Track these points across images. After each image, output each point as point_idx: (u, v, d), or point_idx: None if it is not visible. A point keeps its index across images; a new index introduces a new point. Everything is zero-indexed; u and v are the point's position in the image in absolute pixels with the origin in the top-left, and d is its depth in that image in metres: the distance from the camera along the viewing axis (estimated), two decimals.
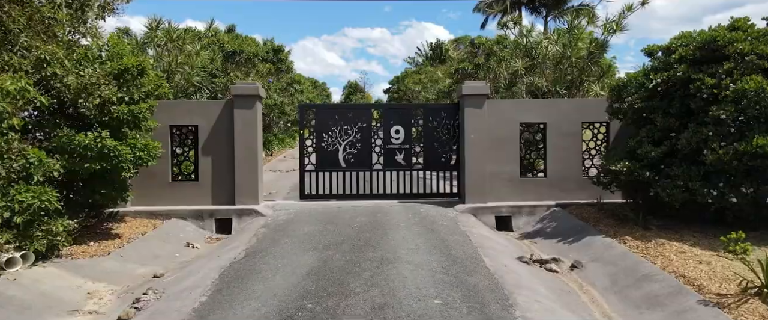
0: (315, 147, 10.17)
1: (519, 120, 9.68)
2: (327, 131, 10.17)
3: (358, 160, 10.21)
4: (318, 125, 10.18)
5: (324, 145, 10.17)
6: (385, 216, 8.72)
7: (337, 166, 10.22)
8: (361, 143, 10.19)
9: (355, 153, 10.21)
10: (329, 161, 10.17)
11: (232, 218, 9.05)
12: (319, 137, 10.16)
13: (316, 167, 10.19)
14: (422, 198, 10.29)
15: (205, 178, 9.42)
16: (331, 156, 10.17)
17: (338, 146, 10.20)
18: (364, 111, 10.45)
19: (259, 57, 16.26)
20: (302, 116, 10.29)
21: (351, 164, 10.23)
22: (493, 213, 9.29)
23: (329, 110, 10.57)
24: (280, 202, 10.19)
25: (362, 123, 10.20)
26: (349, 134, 10.19)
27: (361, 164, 10.24)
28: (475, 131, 9.56)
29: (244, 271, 5.86)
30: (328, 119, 10.19)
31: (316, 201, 10.10)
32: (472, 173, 9.56)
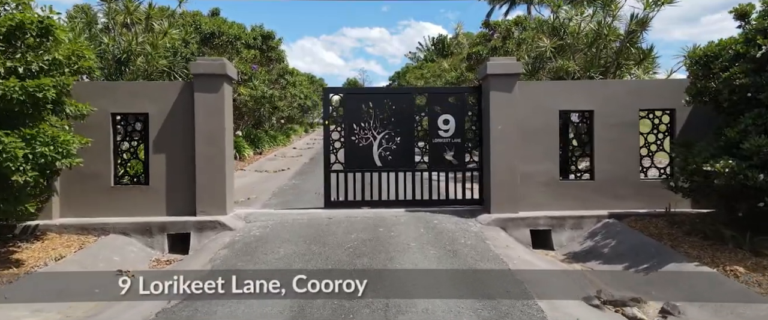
0: (343, 142, 8.17)
1: (558, 107, 7.61)
2: (358, 121, 8.14)
3: (397, 157, 8.19)
4: (347, 114, 8.15)
5: (354, 139, 8.15)
6: (389, 232, 6.66)
7: (370, 165, 8.19)
8: (400, 137, 8.16)
9: (393, 149, 8.18)
10: (361, 159, 8.15)
11: (190, 233, 6.98)
12: (348, 128, 8.14)
13: (345, 167, 8.18)
14: (433, 206, 8.23)
15: (158, 181, 7.36)
16: (363, 153, 8.16)
17: (372, 141, 8.17)
18: (405, 96, 8.36)
19: (242, 40, 14.18)
20: (327, 102, 8.22)
21: (388, 163, 8.20)
22: (527, 226, 7.23)
23: (361, 96, 8.43)
24: (256, 211, 8.12)
25: (402, 111, 8.17)
26: (386, 125, 8.16)
27: (401, 163, 8.21)
28: (503, 121, 7.49)
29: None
30: (359, 107, 8.16)
31: (340, 210, 8.03)
32: (499, 174, 7.49)
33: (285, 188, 10.96)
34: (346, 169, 8.18)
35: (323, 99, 8.28)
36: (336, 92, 8.42)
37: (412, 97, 8.31)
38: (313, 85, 39.86)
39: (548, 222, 7.23)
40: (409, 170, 8.23)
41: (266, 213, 7.88)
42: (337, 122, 8.22)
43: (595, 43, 11.24)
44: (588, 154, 7.75)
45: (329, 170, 8.17)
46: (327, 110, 8.21)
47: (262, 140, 21.09)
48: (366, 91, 8.87)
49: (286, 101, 25.29)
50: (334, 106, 8.24)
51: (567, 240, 7.14)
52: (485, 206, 7.87)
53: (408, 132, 8.16)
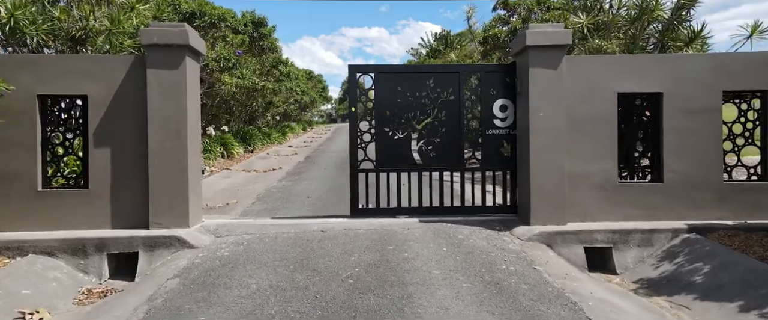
0: (374, 134, 6.54)
1: (616, 89, 5.93)
2: (394, 107, 6.52)
3: (442, 153, 6.55)
4: (379, 99, 6.51)
5: (388, 130, 6.53)
6: (401, 252, 4.99)
7: (408, 162, 6.58)
8: (446, 127, 6.53)
9: (437, 142, 6.55)
10: (397, 156, 6.55)
11: (138, 252, 5.30)
12: (381, 117, 6.51)
13: (377, 165, 6.55)
14: (450, 214, 6.56)
15: (101, 184, 5.68)
16: (399, 147, 6.55)
17: (411, 132, 6.55)
18: (452, 76, 6.58)
19: (227, 23, 12.49)
20: (353, 84, 6.54)
21: (431, 160, 6.57)
22: (580, 243, 5.54)
23: (397, 75, 6.61)
24: (231, 221, 6.43)
25: (449, 95, 6.52)
26: (428, 113, 6.53)
27: (448, 160, 6.57)
28: (547, 106, 5.81)
29: None
30: (394, 89, 6.52)
31: (338, 220, 6.39)
32: (542, 174, 5.82)
33: (273, 191, 9.28)
34: (378, 168, 6.54)
35: (349, 80, 6.54)
36: (365, 70, 6.60)
37: (462, 76, 6.58)
38: (311, 81, 38.20)
39: (608, 238, 5.55)
40: (457, 168, 6.58)
41: (244, 224, 6.19)
42: (366, 108, 6.57)
43: (639, 19, 9.57)
44: (654, 149, 6.07)
45: (357, 170, 6.52)
46: (354, 94, 6.53)
47: (255, 137, 19.40)
48: (404, 69, 7.00)
49: (281, 95, 23.64)
50: (362, 88, 6.57)
51: (633, 260, 5.46)
52: (521, 216, 6.19)
53: (455, 121, 6.50)
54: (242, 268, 4.61)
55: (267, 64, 18.40)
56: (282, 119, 30.61)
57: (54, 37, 8.80)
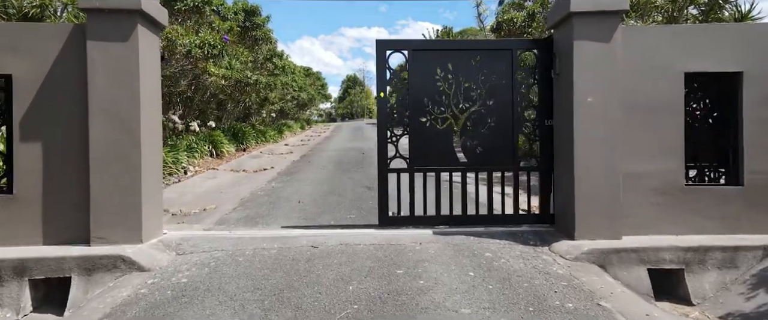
0: (408, 125, 5.31)
1: (683, 68, 4.70)
2: (431, 93, 5.29)
3: (491, 148, 5.31)
4: (414, 82, 5.27)
5: (425, 121, 5.29)
6: (414, 278, 3.77)
7: (449, 160, 5.35)
8: (496, 116, 5.29)
9: (485, 136, 5.31)
10: (436, 152, 5.31)
11: (71, 277, 4.07)
12: (415, 105, 5.28)
13: (411, 163, 5.33)
14: (470, 224, 5.34)
15: (29, 188, 4.45)
16: (438, 142, 5.31)
17: (453, 123, 5.31)
18: (502, 55, 5.26)
19: (213, 7, 11.25)
20: (382, 63, 5.27)
21: (478, 157, 5.33)
22: (641, 263, 4.31)
23: (435, 54, 5.32)
24: (201, 233, 5.20)
25: (499, 78, 5.28)
26: (474, 99, 5.29)
27: (498, 157, 5.33)
28: (597, 89, 4.59)
29: None
30: (433, 71, 5.28)
31: (318, 230, 5.19)
32: (590, 174, 4.59)
33: (259, 194, 8.06)
34: (412, 167, 5.33)
35: (377, 59, 5.27)
36: (397, 46, 5.31)
37: (516, 55, 5.27)
38: (309, 77, 36.97)
39: (679, 257, 4.32)
40: (510, 167, 5.33)
41: (216, 237, 4.97)
42: (398, 93, 5.35)
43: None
44: (730, 145, 4.84)
45: (386, 169, 5.32)
46: (383, 76, 5.29)
47: (248, 135, 18.17)
48: (444, 45, 5.78)
49: (277, 91, 22.42)
50: (393, 69, 5.34)
51: (713, 287, 4.23)
52: (560, 227, 4.97)
53: (507, 110, 5.28)
54: (199, 304, 3.39)
55: (260, 57, 17.18)
56: (279, 117, 29.39)
57: (6, 14, 7.62)
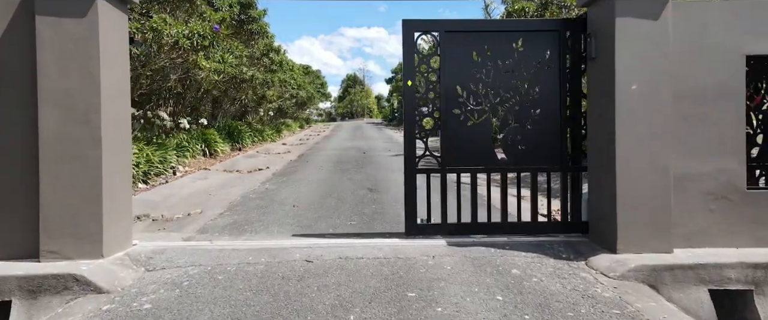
0: (439, 118, 4.57)
1: (745, 49, 3.99)
2: (467, 81, 4.55)
3: (534, 145, 4.58)
4: (446, 69, 4.53)
5: (459, 113, 4.56)
6: (430, 307, 3.05)
7: (487, 159, 4.61)
8: (542, 108, 4.56)
9: (528, 131, 4.58)
10: (472, 149, 4.58)
11: (12, 301, 3.35)
12: (448, 95, 4.54)
13: (443, 162, 4.60)
14: (486, 232, 4.62)
15: None
16: (474, 138, 4.58)
17: (491, 117, 4.57)
18: (549, 37, 4.53)
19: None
20: (410, 47, 4.52)
21: (520, 156, 4.59)
22: (701, 282, 3.59)
23: (472, 36, 4.55)
24: (177, 244, 4.47)
25: (545, 63, 4.53)
26: (516, 88, 4.56)
27: (544, 155, 4.58)
28: (642, 74, 3.87)
29: None
30: (467, 56, 4.54)
31: (315, 240, 4.46)
32: (634, 176, 3.87)
33: (251, 197, 7.35)
34: (444, 166, 4.59)
35: (404, 42, 4.52)
36: (426, 27, 4.56)
37: (563, 36, 4.50)
38: (308, 75, 36.24)
39: (747, 275, 3.60)
40: (557, 167, 4.57)
41: (194, 249, 4.25)
42: (428, 82, 4.60)
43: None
44: None
45: (414, 169, 4.59)
46: (410, 62, 4.53)
47: (244, 133, 17.45)
48: (481, 26, 4.82)
49: (274, 88, 21.70)
50: (422, 53, 4.60)
51: None
52: (595, 237, 4.26)
53: (554, 101, 4.53)
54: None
55: (256, 52, 16.44)
56: (277, 116, 28.66)
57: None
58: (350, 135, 26.96)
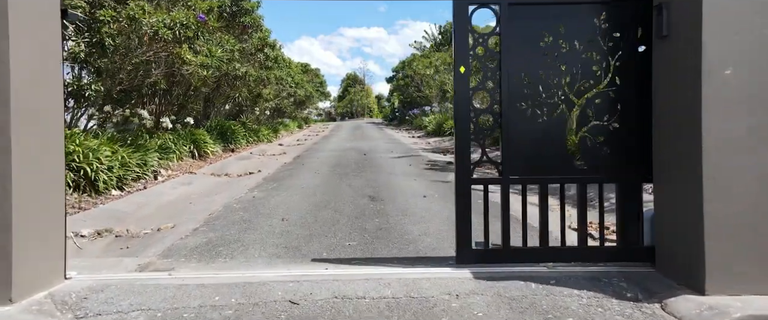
0: (499, 115, 3.59)
1: None
2: (534, 67, 3.58)
3: (622, 149, 3.57)
4: (509, 53, 3.55)
5: (525, 108, 3.58)
6: None
7: (561, 165, 3.59)
8: (624, 103, 3.56)
9: (613, 131, 3.57)
10: (541, 154, 3.58)
11: None
12: (509, 86, 3.55)
13: (505, 171, 3.60)
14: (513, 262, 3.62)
15: None
16: (545, 139, 3.58)
17: (566, 111, 3.59)
18: (640, 8, 3.46)
19: None
20: (462, 24, 3.53)
21: (603, 160, 3.58)
22: None
23: (540, 11, 3.56)
24: (125, 277, 3.48)
25: (635, 46, 3.51)
26: (597, 77, 3.55)
27: (633, 161, 3.56)
28: (740, 55, 2.89)
29: None
30: (534, 36, 3.56)
31: (304, 272, 3.48)
32: (731, 190, 2.89)
33: (234, 208, 6.35)
34: (506, 176, 3.59)
35: (455, 19, 3.55)
36: (482, 1, 3.58)
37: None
38: (307, 74, 35.27)
39: None
40: (649, 177, 3.53)
41: (145, 286, 3.26)
42: (485, 69, 3.63)
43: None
44: None
45: (469, 179, 3.58)
46: (463, 44, 3.54)
47: (237, 134, 16.47)
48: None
49: (271, 86, 20.73)
50: (478, 32, 3.62)
51: None
52: (667, 269, 3.27)
53: (643, 92, 3.51)
54: None
55: (250, 47, 15.46)
56: (274, 116, 27.69)
57: None
58: (350, 135, 26.00)
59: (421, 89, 33.15)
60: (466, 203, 3.58)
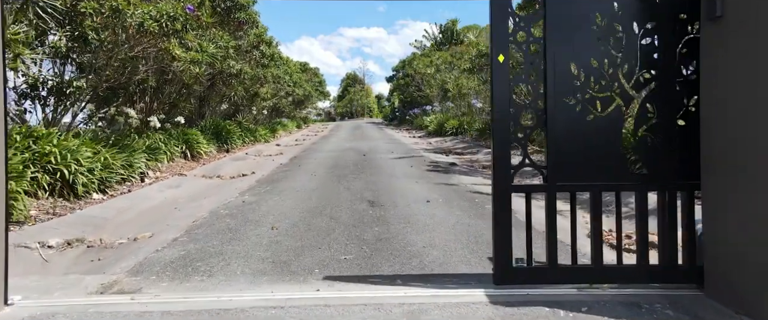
0: (543, 111, 3.04)
1: None
2: (584, 57, 3.02)
3: (689, 151, 2.99)
4: (555, 37, 2.99)
5: (573, 104, 3.01)
6: None
7: (614, 169, 3.02)
8: (687, 96, 3.02)
9: (679, 128, 3.02)
10: (591, 156, 3.00)
11: None
12: (554, 77, 3.00)
13: (550, 176, 3.04)
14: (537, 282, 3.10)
15: None
16: (596, 139, 3.01)
17: (621, 105, 3.04)
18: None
19: None
20: (501, 7, 2.97)
21: (666, 163, 3.02)
22: None
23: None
24: (70, 304, 2.96)
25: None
26: (659, 66, 3.00)
27: (694, 163, 2.99)
28: None
29: None
30: (584, 18, 3.00)
31: (292, 297, 2.96)
32: None
33: (221, 214, 5.83)
34: (552, 182, 3.05)
35: (492, 5, 3.00)
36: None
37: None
38: (306, 73, 34.74)
39: None
40: None
41: (101, 313, 2.74)
42: (527, 57, 3.09)
43: None
44: None
45: (509, 186, 3.05)
46: (502, 29, 3.01)
47: (232, 133, 15.95)
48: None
49: (268, 85, 20.22)
50: (519, 16, 3.09)
51: None
52: (724, 295, 2.75)
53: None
54: None
55: (246, 44, 14.93)
56: (272, 115, 27.17)
57: None
58: (349, 135, 25.48)
59: (421, 89, 32.66)
60: (505, 213, 3.04)
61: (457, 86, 23.35)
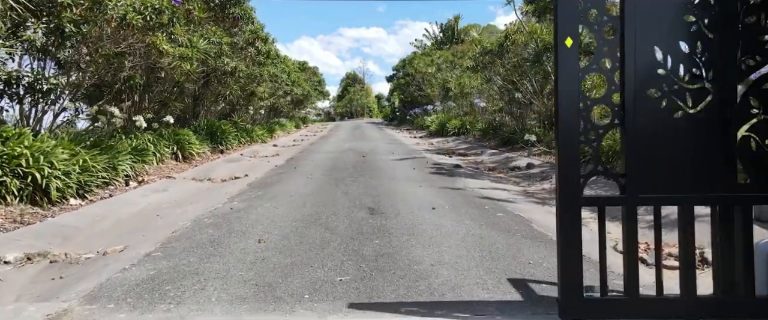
0: (620, 108, 2.46)
1: None
2: (670, 37, 2.42)
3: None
4: (634, 16, 2.40)
5: (658, 97, 2.46)
6: None
7: (712, 179, 2.46)
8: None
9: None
10: (682, 162, 2.43)
11: None
12: (635, 66, 2.41)
13: (629, 186, 2.45)
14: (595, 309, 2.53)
15: None
16: (684, 141, 2.43)
17: (715, 99, 2.46)
18: None
19: None
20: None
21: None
22: None
23: None
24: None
25: None
26: (764, 45, 2.40)
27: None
28: None
29: None
30: None
31: None
32: None
33: (204, 223, 5.26)
34: (633, 193, 2.46)
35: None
36: None
37: None
38: (305, 72, 34.16)
39: None
40: None
41: None
42: (602, 41, 2.47)
43: None
44: None
45: (578, 197, 2.45)
46: (571, 9, 2.41)
47: (227, 134, 15.38)
48: None
49: (266, 84, 19.67)
50: None
51: None
52: None
53: None
54: None
55: (241, 41, 14.36)
56: (270, 115, 26.60)
57: None
58: (349, 135, 24.91)
59: (422, 88, 32.09)
60: (573, 231, 2.46)
61: (459, 85, 22.80)
